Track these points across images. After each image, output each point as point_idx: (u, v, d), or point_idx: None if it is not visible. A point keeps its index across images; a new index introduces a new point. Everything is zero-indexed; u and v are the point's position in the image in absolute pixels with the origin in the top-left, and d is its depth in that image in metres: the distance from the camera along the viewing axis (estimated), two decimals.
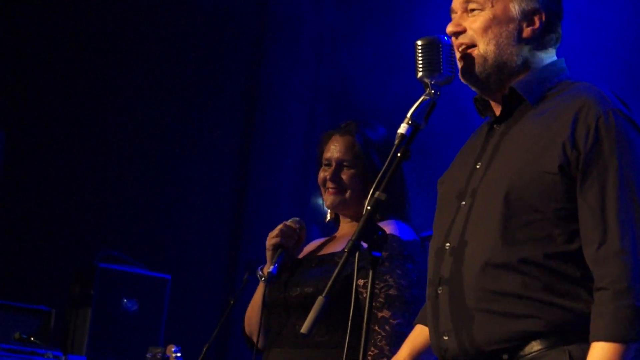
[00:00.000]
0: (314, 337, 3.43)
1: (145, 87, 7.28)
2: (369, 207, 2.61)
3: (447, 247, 2.72)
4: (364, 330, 2.63)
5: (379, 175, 2.64)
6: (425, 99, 2.70)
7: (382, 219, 3.51)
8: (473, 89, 2.81)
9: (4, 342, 5.53)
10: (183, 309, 6.58)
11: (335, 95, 7.68)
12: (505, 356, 2.63)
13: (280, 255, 3.61)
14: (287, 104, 7.66)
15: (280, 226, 3.67)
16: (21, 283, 6.49)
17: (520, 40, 2.78)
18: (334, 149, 3.71)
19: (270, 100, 7.65)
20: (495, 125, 2.79)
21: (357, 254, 2.60)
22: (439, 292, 2.70)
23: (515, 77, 2.78)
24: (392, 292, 3.48)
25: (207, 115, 7.49)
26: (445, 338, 2.69)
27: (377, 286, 3.46)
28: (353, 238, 2.56)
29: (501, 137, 2.77)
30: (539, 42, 2.83)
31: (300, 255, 3.79)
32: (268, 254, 3.64)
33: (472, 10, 2.78)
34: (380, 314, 3.47)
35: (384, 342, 3.45)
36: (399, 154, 2.66)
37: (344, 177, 3.62)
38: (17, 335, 5.61)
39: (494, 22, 2.77)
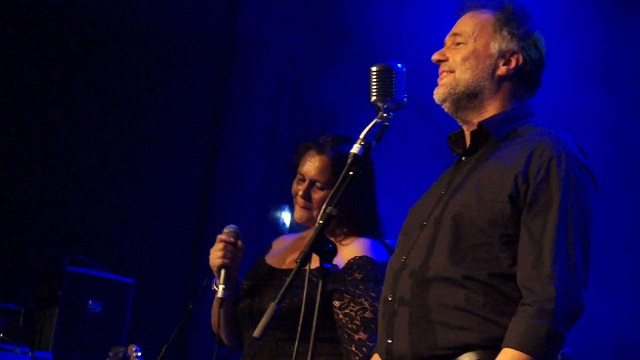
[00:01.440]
0: (291, 348, 3.45)
1: (115, 102, 7.40)
2: (320, 221, 2.67)
3: (402, 261, 2.81)
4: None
5: (332, 191, 2.72)
6: (378, 122, 2.78)
7: (358, 236, 3.61)
8: (447, 111, 2.93)
9: None
10: (145, 312, 6.66)
11: (297, 116, 7.78)
12: None
13: (226, 275, 3.61)
14: (251, 121, 7.75)
15: (220, 246, 3.63)
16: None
17: (493, 76, 2.90)
18: (309, 165, 3.70)
19: (234, 117, 7.76)
20: (463, 158, 2.91)
21: (308, 265, 2.65)
22: (389, 299, 2.79)
23: (486, 114, 2.89)
24: (367, 315, 3.52)
25: (173, 129, 7.58)
26: (389, 341, 2.78)
27: (353, 309, 3.52)
28: (305, 250, 2.64)
29: (466, 168, 2.89)
30: (514, 84, 2.95)
31: (271, 260, 3.79)
32: (215, 274, 3.65)
33: (458, 43, 2.91)
34: (357, 336, 3.52)
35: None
36: (350, 172, 2.72)
37: (315, 196, 3.61)
38: None
39: (473, 55, 2.90)
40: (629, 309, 6.20)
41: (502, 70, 2.86)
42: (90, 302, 6.19)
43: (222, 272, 3.54)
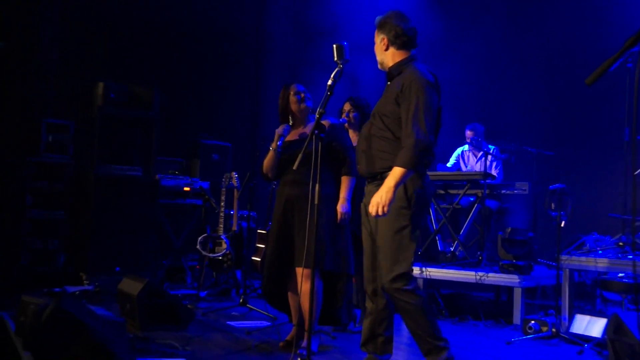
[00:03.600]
0: (304, 178, 4.00)
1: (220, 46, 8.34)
2: (317, 115, 3.39)
3: (363, 130, 3.50)
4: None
5: (321, 103, 3.39)
6: (337, 70, 3.37)
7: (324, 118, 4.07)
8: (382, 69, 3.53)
9: (164, 175, 6.94)
10: (237, 159, 7.84)
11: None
12: (378, 176, 3.39)
13: (280, 139, 4.26)
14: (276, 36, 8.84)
15: (283, 126, 4.27)
16: (172, 150, 7.48)
17: (383, 51, 3.47)
18: (301, 92, 4.33)
19: (270, 37, 8.84)
20: (388, 83, 3.44)
21: (315, 135, 3.39)
22: (358, 147, 3.53)
23: (390, 66, 3.42)
24: (349, 144, 4.23)
25: (231, 55, 8.50)
26: (359, 166, 3.55)
27: (340, 146, 4.15)
28: (313, 128, 3.39)
29: (387, 89, 3.44)
30: (393, 51, 3.44)
31: (287, 139, 4.33)
32: (275, 138, 4.27)
33: (375, 44, 3.51)
34: (343, 155, 4.17)
35: (352, 166, 4.10)
36: (328, 93, 3.38)
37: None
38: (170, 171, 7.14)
39: (377, 46, 3.50)
40: None
41: (383, 47, 3.46)
42: (213, 155, 7.60)
43: (279, 137, 4.24)
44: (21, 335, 3.55)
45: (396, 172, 3.18)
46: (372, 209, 3.17)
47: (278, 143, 4.18)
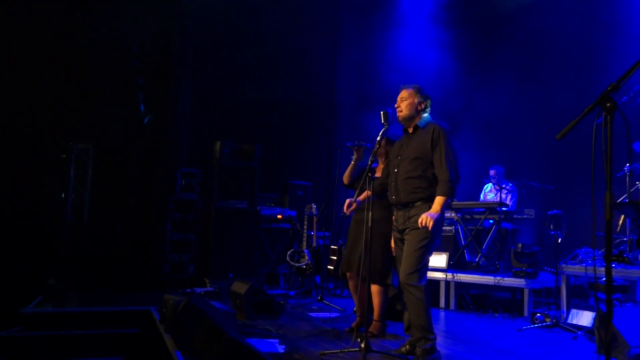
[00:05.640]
0: (364, 206, 3.80)
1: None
2: (369, 162, 3.35)
3: (395, 170, 3.36)
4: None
5: (372, 153, 3.36)
6: (384, 130, 3.37)
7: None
8: (402, 124, 3.41)
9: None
10: (315, 194, 7.68)
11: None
12: (410, 204, 3.30)
13: (359, 155, 4.11)
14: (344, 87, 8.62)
15: (355, 148, 4.11)
16: (268, 188, 7.39)
17: (417, 110, 3.36)
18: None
19: (343, 94, 8.65)
20: (409, 136, 3.36)
21: (369, 172, 3.33)
22: (391, 183, 3.40)
23: (417, 121, 3.35)
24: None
25: (311, 118, 8.29)
26: (394, 197, 3.39)
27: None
28: (366, 172, 3.39)
29: (411, 139, 3.36)
30: (423, 112, 3.39)
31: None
32: (355, 154, 4.12)
33: (402, 100, 3.39)
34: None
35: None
36: (378, 146, 3.45)
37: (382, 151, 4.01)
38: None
39: (409, 104, 3.37)
40: None
41: (419, 107, 3.39)
42: (298, 191, 7.48)
43: (358, 154, 4.13)
44: (163, 323, 3.66)
45: (440, 200, 3.16)
46: (422, 221, 3.11)
47: (356, 157, 4.14)
